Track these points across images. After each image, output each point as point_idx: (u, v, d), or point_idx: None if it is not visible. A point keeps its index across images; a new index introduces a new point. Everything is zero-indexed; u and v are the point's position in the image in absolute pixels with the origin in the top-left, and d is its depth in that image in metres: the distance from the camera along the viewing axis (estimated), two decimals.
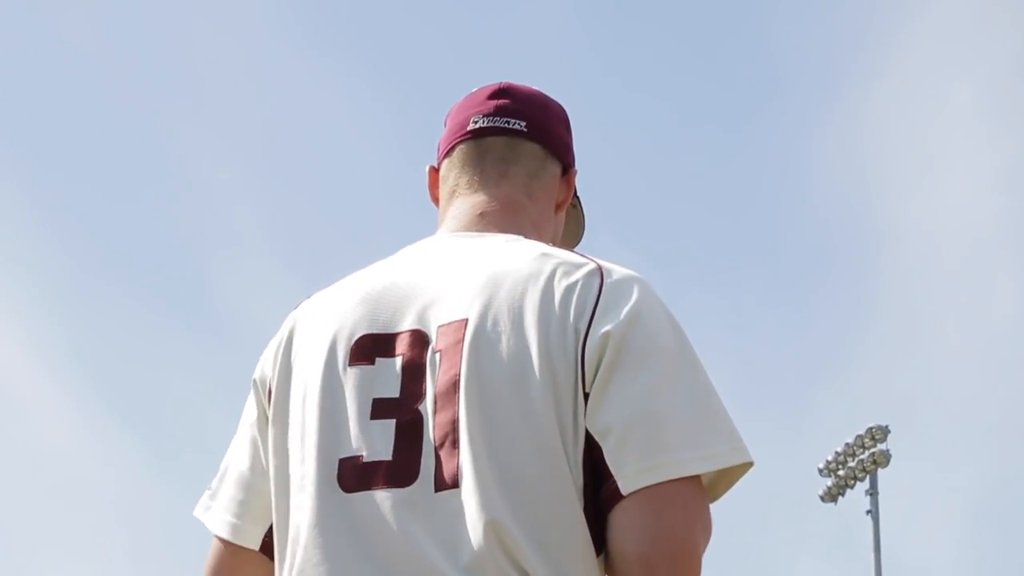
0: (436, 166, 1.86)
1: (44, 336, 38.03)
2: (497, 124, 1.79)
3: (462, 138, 1.81)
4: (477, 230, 1.73)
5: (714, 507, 1.65)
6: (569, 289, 1.60)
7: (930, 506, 36.54)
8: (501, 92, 1.84)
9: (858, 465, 23.48)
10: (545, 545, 1.51)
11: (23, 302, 36.97)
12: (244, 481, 1.73)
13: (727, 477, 1.56)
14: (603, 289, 1.60)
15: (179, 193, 38.09)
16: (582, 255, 1.67)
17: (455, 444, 1.54)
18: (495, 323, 1.59)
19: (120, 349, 37.43)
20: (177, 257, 39.11)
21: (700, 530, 1.52)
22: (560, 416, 1.54)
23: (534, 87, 1.89)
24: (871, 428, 23.46)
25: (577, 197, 1.91)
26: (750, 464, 1.56)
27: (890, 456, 23.32)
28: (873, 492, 23.26)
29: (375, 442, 1.56)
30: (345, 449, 1.56)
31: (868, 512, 23.15)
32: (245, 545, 1.71)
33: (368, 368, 1.60)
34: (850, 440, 23.56)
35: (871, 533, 22.88)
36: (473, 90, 1.88)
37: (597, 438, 1.52)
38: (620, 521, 1.50)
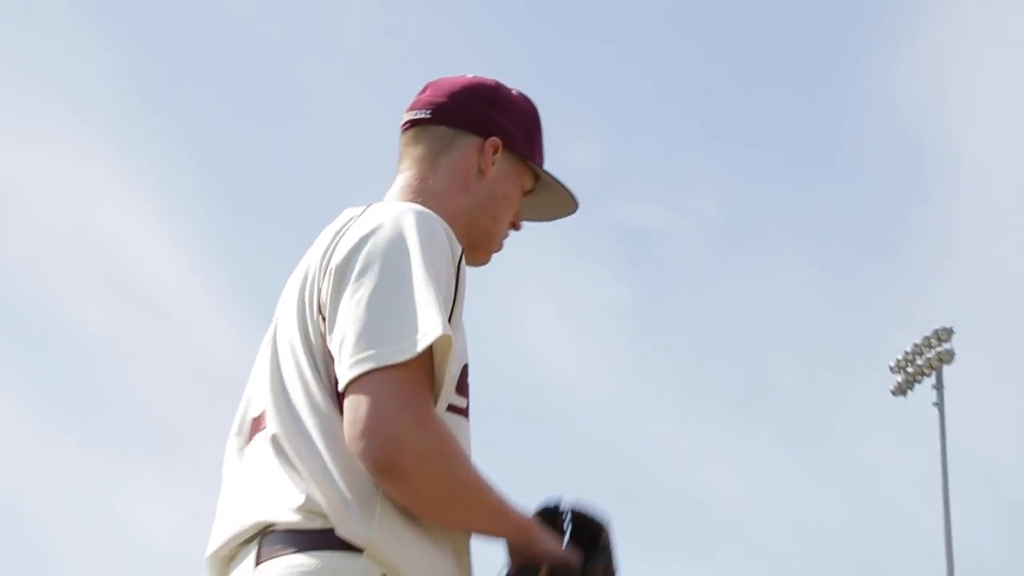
0: None
1: (210, 273, 42.01)
2: (409, 117, 1.91)
3: (401, 133, 1.94)
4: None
5: (795, 402, 2.55)
6: (334, 233, 1.74)
7: (992, 398, 37.91)
8: (423, 88, 1.95)
9: (925, 363, 24.50)
10: (307, 442, 1.65)
11: (193, 249, 40.83)
12: None
13: (439, 365, 1.62)
14: (351, 226, 1.72)
15: (318, 128, 40.66)
16: (386, 204, 1.78)
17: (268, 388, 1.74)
18: (296, 276, 1.77)
19: (267, 272, 40.84)
20: (314, 202, 41.93)
21: (395, 409, 1.57)
22: (309, 345, 1.69)
23: (466, 75, 1.95)
24: (937, 329, 24.44)
25: (545, 172, 1.94)
26: (423, 354, 1.58)
27: (954, 354, 24.31)
28: (939, 386, 24.22)
29: (259, 396, 1.76)
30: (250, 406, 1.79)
31: (935, 404, 24.13)
32: None
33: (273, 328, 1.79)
34: (918, 340, 24.56)
35: (937, 423, 23.92)
36: None
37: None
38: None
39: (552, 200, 1.97)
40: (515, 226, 1.95)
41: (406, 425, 1.57)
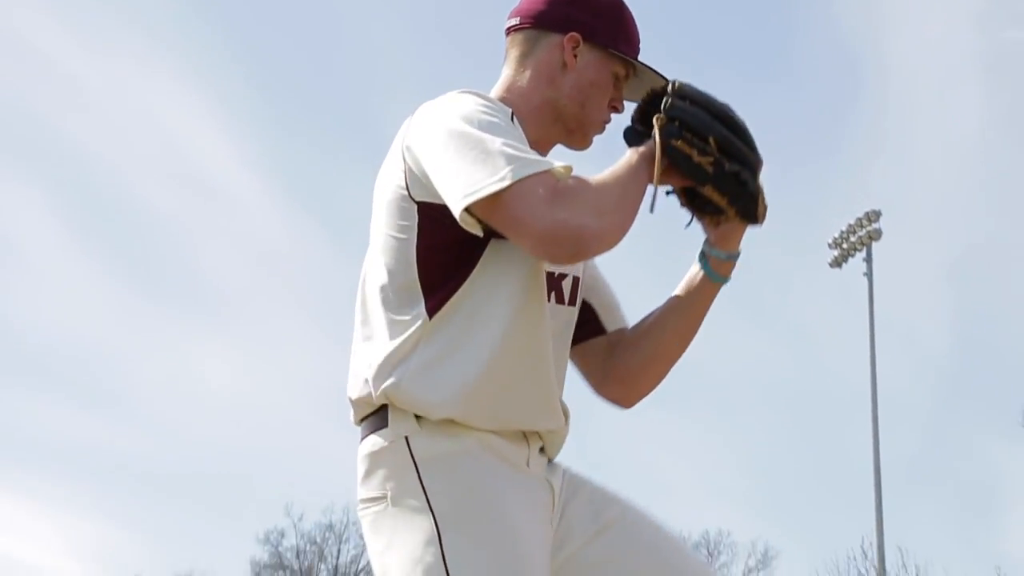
0: None
1: (258, 165, 48.30)
2: (506, 25, 2.04)
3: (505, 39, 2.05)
4: None
5: (749, 273, 1.97)
6: (402, 132, 1.89)
7: (912, 270, 41.97)
8: None
9: (857, 239, 26.83)
10: (359, 318, 1.91)
11: (244, 145, 47.17)
12: None
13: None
14: (413, 119, 1.88)
15: (351, 50, 44.23)
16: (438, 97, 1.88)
17: None
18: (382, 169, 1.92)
19: (307, 162, 45.79)
20: (349, 100, 46.50)
21: (542, 209, 1.67)
22: (380, 229, 1.87)
23: None
24: (868, 212, 26.93)
25: (630, 58, 1.98)
26: (511, 183, 1.67)
27: (882, 232, 26.79)
28: (868, 260, 26.62)
29: None
30: None
31: (865, 274, 26.54)
32: None
33: None
34: (852, 221, 27.07)
35: (867, 290, 26.35)
36: None
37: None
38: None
39: (648, 83, 1.99)
40: (615, 109, 2.02)
41: (560, 215, 1.68)
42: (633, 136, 1.92)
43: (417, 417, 1.82)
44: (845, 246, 27.33)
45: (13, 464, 48.67)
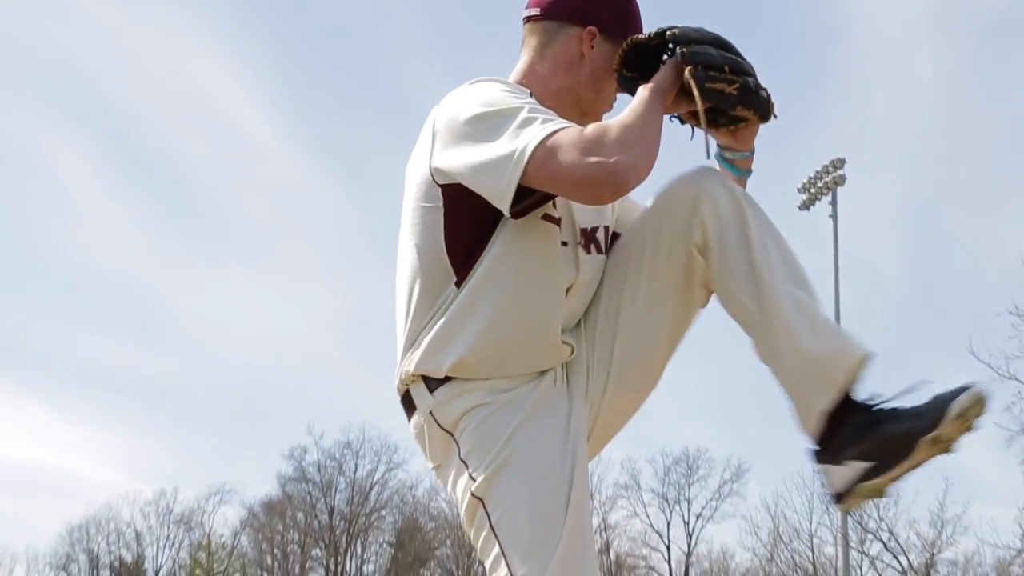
0: None
1: (279, 116, 51.12)
2: (525, 14, 2.09)
3: (522, 27, 2.11)
4: None
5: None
6: (432, 118, 1.92)
7: (872, 212, 44.57)
8: None
9: (824, 185, 27.65)
10: (402, 292, 1.96)
11: (267, 94, 50.67)
12: None
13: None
14: (438, 109, 1.91)
15: (372, 13, 48.17)
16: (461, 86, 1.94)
17: None
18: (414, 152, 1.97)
19: (330, 123, 49.37)
20: (368, 61, 50.23)
21: (574, 157, 1.72)
22: (408, 208, 1.92)
23: None
24: (833, 159, 27.78)
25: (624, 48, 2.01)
26: (526, 161, 1.74)
27: (845, 178, 27.64)
28: (834, 203, 27.48)
29: None
30: None
31: (830, 216, 27.29)
32: None
33: None
34: (819, 168, 27.86)
35: (831, 230, 27.20)
36: None
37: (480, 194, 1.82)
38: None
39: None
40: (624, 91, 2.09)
41: (593, 158, 1.73)
42: (627, 83, 2.03)
43: (431, 389, 1.96)
44: (813, 191, 28.14)
45: (64, 387, 53.34)
